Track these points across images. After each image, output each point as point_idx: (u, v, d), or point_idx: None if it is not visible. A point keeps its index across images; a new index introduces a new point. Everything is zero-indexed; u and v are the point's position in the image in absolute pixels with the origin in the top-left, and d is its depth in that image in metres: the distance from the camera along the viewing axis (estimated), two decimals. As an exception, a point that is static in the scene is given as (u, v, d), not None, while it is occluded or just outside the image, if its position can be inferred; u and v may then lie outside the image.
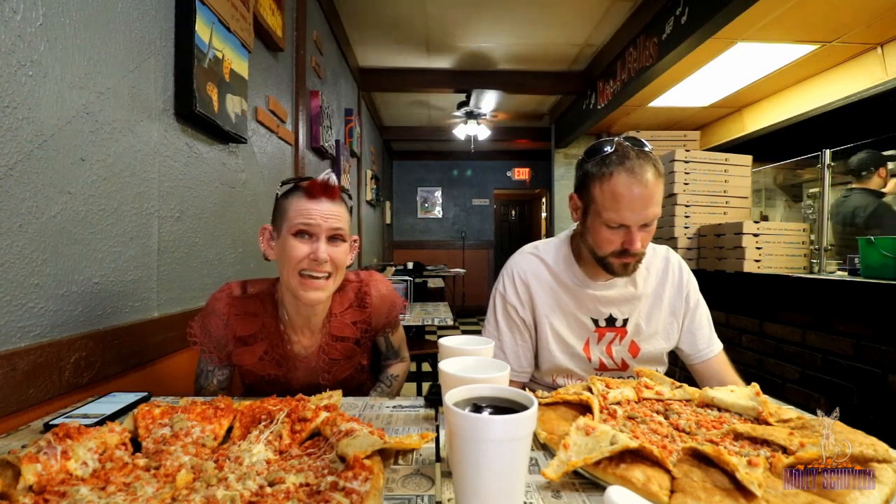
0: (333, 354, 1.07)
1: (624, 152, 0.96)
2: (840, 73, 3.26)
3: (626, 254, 0.99)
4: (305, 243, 0.93)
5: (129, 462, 0.60)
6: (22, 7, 0.85)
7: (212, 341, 1.02)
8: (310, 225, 0.93)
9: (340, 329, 1.07)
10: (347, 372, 1.11)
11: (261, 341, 1.03)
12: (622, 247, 0.99)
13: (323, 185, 0.94)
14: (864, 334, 1.70)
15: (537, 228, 9.07)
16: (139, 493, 0.52)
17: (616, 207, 0.96)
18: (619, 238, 0.99)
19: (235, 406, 0.75)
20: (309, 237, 0.94)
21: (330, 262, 0.94)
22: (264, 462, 0.60)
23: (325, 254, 0.93)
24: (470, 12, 3.45)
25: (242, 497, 0.50)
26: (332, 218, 0.94)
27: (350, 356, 1.09)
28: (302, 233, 0.93)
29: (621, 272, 1.03)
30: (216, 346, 1.03)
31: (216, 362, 1.05)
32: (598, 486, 0.58)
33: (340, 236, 0.96)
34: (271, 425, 0.69)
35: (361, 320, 1.09)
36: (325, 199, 0.94)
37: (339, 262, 0.96)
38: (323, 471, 0.57)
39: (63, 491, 0.52)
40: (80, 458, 0.57)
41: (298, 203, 0.94)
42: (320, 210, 0.93)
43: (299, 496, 0.51)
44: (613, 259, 1.01)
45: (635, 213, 0.95)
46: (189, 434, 0.66)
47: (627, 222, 0.96)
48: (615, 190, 0.95)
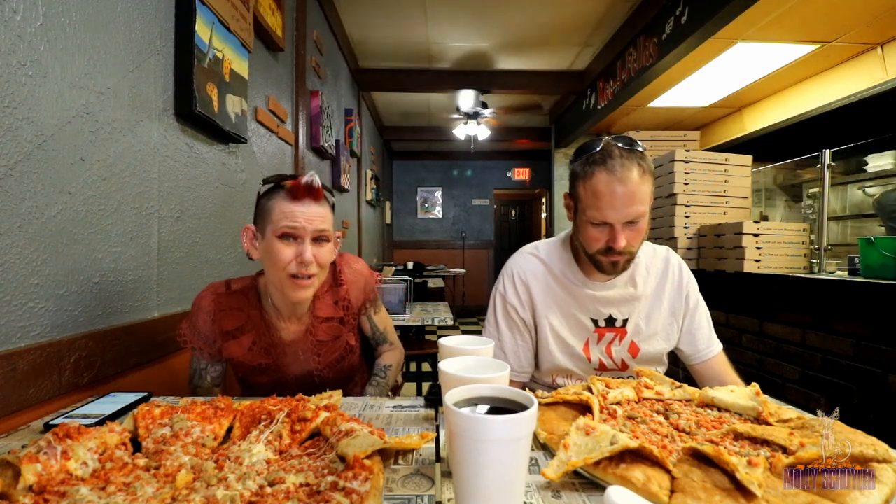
0: (320, 336, 1.10)
1: (608, 151, 0.97)
2: (840, 73, 3.26)
3: (612, 252, 1.00)
4: (291, 246, 0.94)
5: (129, 462, 0.60)
6: (22, 7, 0.85)
7: (201, 338, 1.05)
8: (295, 228, 0.94)
9: (324, 310, 1.10)
10: (336, 353, 1.13)
11: (248, 333, 1.05)
12: (607, 245, 1.00)
13: (307, 187, 0.94)
14: (864, 334, 1.70)
15: (537, 228, 9.06)
16: (139, 493, 0.51)
17: (597, 205, 0.97)
18: (603, 236, 1.00)
19: (235, 406, 0.75)
20: (294, 240, 0.95)
21: (315, 264, 0.96)
22: (264, 462, 0.60)
23: (310, 256, 0.94)
24: (470, 12, 3.45)
25: (242, 497, 0.50)
26: (316, 220, 0.95)
27: (336, 336, 1.12)
28: (287, 235, 0.94)
29: (610, 270, 1.04)
30: (205, 343, 1.05)
31: (207, 358, 1.07)
32: (598, 486, 0.58)
33: (325, 237, 0.98)
34: (271, 425, 0.69)
35: (341, 298, 1.12)
36: (309, 201, 0.95)
37: (324, 261, 0.99)
38: (323, 471, 0.57)
39: (63, 491, 0.52)
40: (80, 458, 0.57)
41: (282, 205, 0.94)
42: (304, 212, 0.94)
43: (299, 496, 0.51)
44: (601, 257, 1.02)
45: (616, 211, 0.96)
46: (189, 434, 0.66)
47: (609, 220, 0.97)
48: (596, 188, 0.97)
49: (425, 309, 2.79)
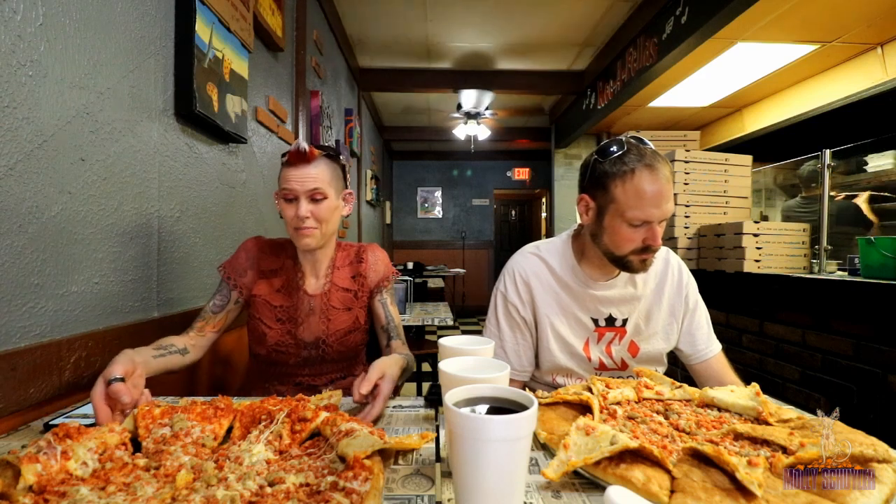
0: (333, 302, 1.22)
1: (640, 150, 0.98)
2: (840, 73, 3.26)
3: (648, 250, 1.00)
4: (291, 206, 1.10)
5: (129, 462, 0.60)
6: (22, 7, 0.85)
7: (236, 270, 1.19)
8: (290, 190, 1.09)
9: (341, 280, 1.24)
10: (345, 324, 1.22)
11: (279, 276, 1.21)
12: (644, 244, 0.99)
13: (295, 153, 1.09)
14: (864, 334, 1.70)
15: (537, 228, 9.06)
16: (139, 493, 0.51)
17: (640, 205, 0.96)
18: (640, 235, 0.99)
19: (235, 406, 0.75)
20: (293, 200, 1.10)
21: (312, 218, 1.10)
22: (264, 462, 0.60)
23: (305, 212, 1.08)
24: (470, 12, 3.45)
25: (242, 497, 0.50)
26: (307, 180, 1.08)
27: (348, 307, 1.23)
28: (287, 198, 1.10)
29: (640, 269, 1.04)
30: (237, 272, 1.19)
31: (230, 284, 1.18)
32: (598, 486, 0.58)
33: (320, 194, 1.10)
34: (271, 425, 0.69)
35: (358, 273, 1.25)
36: (301, 165, 1.09)
37: (321, 216, 1.11)
38: (323, 471, 0.57)
39: (63, 491, 0.52)
40: (80, 458, 0.57)
41: (284, 171, 1.11)
42: (297, 175, 1.09)
43: (299, 496, 0.51)
44: (633, 257, 1.01)
45: (659, 209, 0.96)
46: (189, 434, 0.66)
47: (651, 218, 0.97)
48: (639, 187, 0.96)
49: (425, 309, 2.79)
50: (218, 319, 1.15)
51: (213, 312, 1.15)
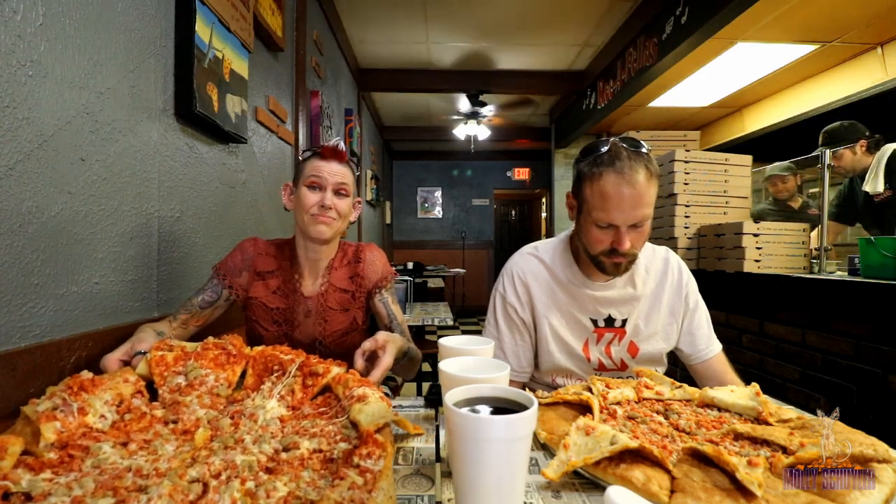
0: (330, 303, 1.23)
1: (616, 153, 0.97)
2: (840, 73, 3.26)
3: (616, 253, 0.99)
4: (316, 194, 1.15)
5: (147, 412, 0.62)
6: (22, 7, 0.85)
7: (231, 270, 1.20)
8: (320, 178, 1.14)
9: (339, 280, 1.25)
10: (342, 325, 1.23)
11: (276, 277, 1.22)
12: (611, 246, 0.99)
13: (333, 149, 1.17)
14: (864, 334, 1.70)
15: (537, 228, 9.06)
16: (160, 452, 0.54)
17: (605, 207, 0.96)
18: (608, 238, 0.99)
19: (247, 351, 0.77)
20: (319, 189, 1.15)
21: (334, 210, 1.15)
22: (278, 420, 0.63)
23: (330, 202, 1.14)
24: (470, 12, 3.45)
25: (259, 463, 0.53)
26: (338, 175, 1.16)
27: (345, 308, 1.24)
28: (314, 185, 1.15)
29: (613, 271, 1.04)
30: (232, 272, 1.20)
31: (223, 284, 1.18)
32: (598, 486, 0.58)
33: (345, 190, 1.17)
34: (283, 378, 0.71)
35: (356, 274, 1.26)
36: (334, 161, 1.17)
37: (342, 210, 1.17)
38: (336, 437, 0.59)
39: (86, 445, 0.53)
40: (98, 412, 0.58)
41: (313, 162, 1.16)
42: (329, 168, 1.15)
43: (314, 465, 0.53)
44: (604, 258, 1.02)
45: (623, 214, 0.96)
46: (203, 383, 0.69)
47: (616, 222, 0.97)
48: (604, 190, 0.96)
49: (425, 309, 2.79)
50: (203, 315, 1.16)
51: (201, 308, 1.16)
